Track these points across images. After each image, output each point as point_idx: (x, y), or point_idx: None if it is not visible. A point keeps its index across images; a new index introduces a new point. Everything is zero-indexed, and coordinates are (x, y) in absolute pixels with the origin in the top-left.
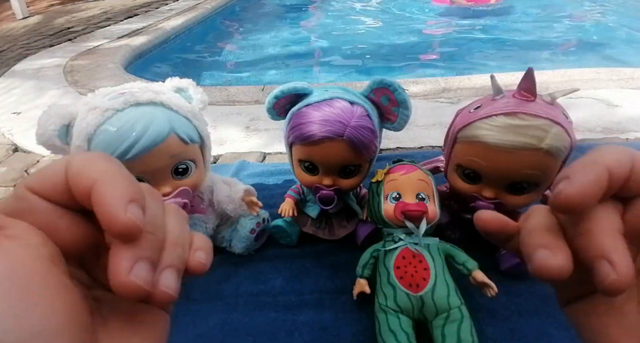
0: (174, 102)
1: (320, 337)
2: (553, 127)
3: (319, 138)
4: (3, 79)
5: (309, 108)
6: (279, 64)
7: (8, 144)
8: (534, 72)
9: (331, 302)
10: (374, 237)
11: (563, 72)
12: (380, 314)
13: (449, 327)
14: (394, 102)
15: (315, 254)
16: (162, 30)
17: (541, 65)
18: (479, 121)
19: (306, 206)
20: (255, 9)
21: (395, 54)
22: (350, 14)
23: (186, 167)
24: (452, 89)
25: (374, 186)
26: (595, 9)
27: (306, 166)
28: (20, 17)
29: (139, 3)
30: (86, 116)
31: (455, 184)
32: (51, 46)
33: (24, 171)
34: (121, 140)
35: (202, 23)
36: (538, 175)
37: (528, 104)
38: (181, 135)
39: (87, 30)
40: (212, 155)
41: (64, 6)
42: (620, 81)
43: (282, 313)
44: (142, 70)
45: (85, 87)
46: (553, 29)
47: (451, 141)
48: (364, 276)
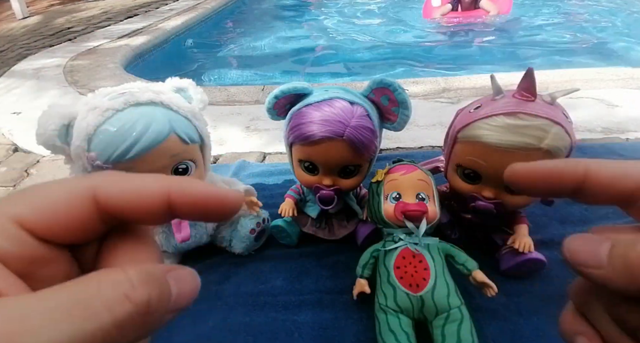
0: (174, 102)
1: (320, 337)
2: (553, 127)
3: (319, 137)
4: (3, 79)
5: (309, 108)
6: (279, 64)
7: (8, 144)
8: (534, 72)
9: (331, 302)
10: (374, 237)
11: (563, 72)
12: (380, 314)
13: (449, 327)
14: (394, 102)
15: (315, 254)
16: (162, 30)
17: (541, 65)
18: (479, 121)
19: (306, 206)
20: (255, 9)
21: (396, 54)
22: (350, 14)
23: (186, 167)
24: (452, 89)
25: (374, 186)
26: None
27: (306, 166)
28: (20, 17)
29: (139, 3)
30: (86, 116)
31: (455, 184)
32: (51, 45)
33: (23, 171)
34: (121, 140)
35: (202, 23)
36: None
37: (528, 104)
38: (181, 135)
39: (87, 30)
40: (212, 155)
41: (64, 6)
42: (620, 81)
43: (282, 313)
44: (142, 70)
45: (85, 87)
46: (553, 29)
47: (451, 141)
48: (364, 276)
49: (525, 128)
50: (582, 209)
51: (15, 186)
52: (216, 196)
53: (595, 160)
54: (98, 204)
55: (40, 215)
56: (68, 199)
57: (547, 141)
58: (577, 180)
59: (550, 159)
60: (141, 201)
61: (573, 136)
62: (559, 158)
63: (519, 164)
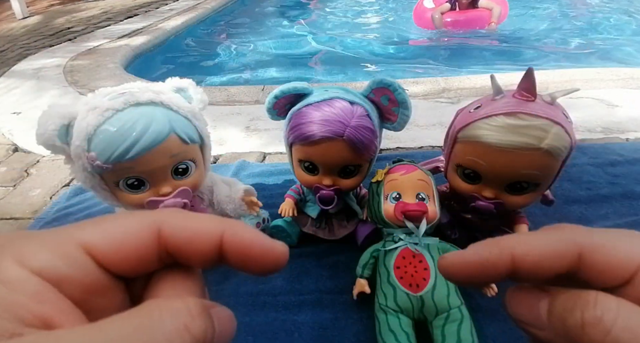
0: (174, 102)
1: (320, 337)
2: (553, 127)
3: (319, 138)
4: (3, 79)
5: (309, 108)
6: (279, 64)
7: (8, 144)
8: (534, 72)
9: (331, 302)
10: (374, 237)
11: (563, 72)
12: (380, 314)
13: (449, 327)
14: (394, 102)
15: (315, 254)
16: (162, 30)
17: (541, 65)
18: (479, 121)
19: (306, 206)
20: (255, 9)
21: (396, 54)
22: (350, 14)
23: (186, 167)
24: (452, 89)
25: (374, 186)
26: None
27: (306, 166)
28: (20, 17)
29: (139, 3)
30: (86, 116)
31: (455, 184)
32: (51, 46)
33: (24, 171)
34: (121, 140)
35: (202, 23)
36: (538, 175)
37: (528, 104)
38: (181, 135)
39: (87, 30)
40: (212, 155)
41: (64, 6)
42: (620, 81)
43: (282, 313)
44: (142, 70)
45: (85, 87)
46: (553, 29)
47: (451, 141)
48: (364, 276)
49: (525, 128)
50: (582, 209)
51: (15, 186)
52: (264, 245)
53: (522, 240)
54: (160, 239)
55: (109, 244)
56: (136, 231)
57: (547, 141)
58: (506, 268)
59: (478, 246)
60: (198, 240)
61: (573, 136)
62: (559, 158)
63: (450, 256)
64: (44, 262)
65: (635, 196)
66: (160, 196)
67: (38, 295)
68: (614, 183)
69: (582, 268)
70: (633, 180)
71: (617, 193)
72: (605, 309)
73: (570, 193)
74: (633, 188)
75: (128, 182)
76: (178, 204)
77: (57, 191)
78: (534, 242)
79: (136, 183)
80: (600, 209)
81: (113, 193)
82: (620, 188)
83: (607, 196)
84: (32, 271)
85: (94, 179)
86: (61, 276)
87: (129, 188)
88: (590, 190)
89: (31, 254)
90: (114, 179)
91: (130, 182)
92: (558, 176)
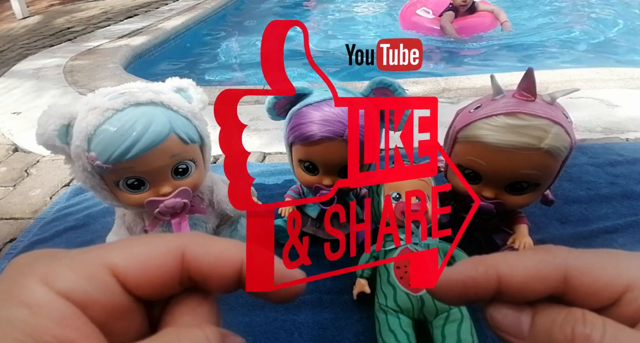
0: (174, 102)
1: (320, 337)
2: (553, 127)
3: (319, 137)
4: (3, 79)
5: (309, 108)
6: None
7: (8, 144)
8: (534, 72)
9: (331, 302)
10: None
11: (563, 72)
12: (380, 314)
13: (449, 327)
14: None
15: (315, 254)
16: (162, 30)
17: (541, 65)
18: (479, 121)
19: (306, 206)
20: (255, 8)
21: None
22: (350, 14)
23: (186, 167)
24: (452, 89)
25: (374, 186)
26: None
27: (306, 166)
28: (20, 17)
29: (139, 3)
30: (86, 116)
31: (455, 184)
32: (51, 45)
33: (23, 171)
34: (121, 140)
35: (202, 23)
36: (538, 175)
37: (528, 104)
38: (181, 135)
39: (87, 30)
40: (212, 155)
41: (64, 6)
42: (620, 81)
43: (282, 313)
44: (142, 70)
45: (85, 87)
46: (553, 29)
47: (451, 141)
48: (364, 276)
49: (525, 128)
50: (582, 209)
51: (15, 186)
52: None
53: (508, 258)
54: (184, 263)
55: (135, 267)
56: (162, 255)
57: (547, 141)
58: (492, 287)
59: (463, 264)
60: (221, 265)
61: (573, 136)
62: (559, 158)
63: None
64: (70, 283)
65: (635, 196)
66: (160, 196)
67: (63, 320)
68: (614, 183)
69: (568, 290)
70: (633, 180)
71: (617, 193)
72: (594, 327)
73: (570, 193)
74: (633, 188)
75: (128, 182)
76: (178, 204)
77: (57, 191)
78: (519, 262)
79: (136, 183)
80: (600, 209)
81: (113, 193)
82: (620, 188)
83: (607, 196)
84: (58, 293)
85: (94, 179)
86: (87, 299)
87: (129, 188)
88: (590, 190)
89: (57, 274)
90: (114, 179)
91: (130, 182)
92: (558, 176)
